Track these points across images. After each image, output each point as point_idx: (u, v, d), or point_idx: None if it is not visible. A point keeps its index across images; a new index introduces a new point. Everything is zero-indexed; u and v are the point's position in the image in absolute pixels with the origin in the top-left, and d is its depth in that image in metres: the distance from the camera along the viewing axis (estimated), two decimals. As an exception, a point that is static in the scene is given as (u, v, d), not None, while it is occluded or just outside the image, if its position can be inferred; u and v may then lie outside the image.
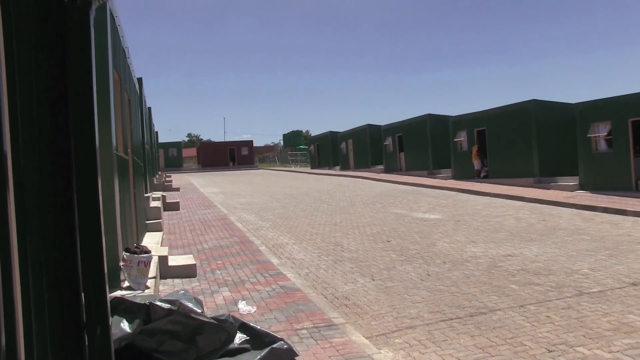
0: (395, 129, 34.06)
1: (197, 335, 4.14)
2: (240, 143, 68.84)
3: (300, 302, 6.63)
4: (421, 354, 5.17)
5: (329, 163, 47.31)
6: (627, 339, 5.40)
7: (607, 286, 7.40)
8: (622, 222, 12.98)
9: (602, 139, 18.36)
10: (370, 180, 30.21)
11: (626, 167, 17.45)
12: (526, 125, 22.12)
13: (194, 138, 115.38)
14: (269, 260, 9.41)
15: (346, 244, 11.21)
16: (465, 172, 25.92)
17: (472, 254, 9.78)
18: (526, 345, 5.28)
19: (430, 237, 11.62)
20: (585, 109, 19.02)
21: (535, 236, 11.43)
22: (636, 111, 17.06)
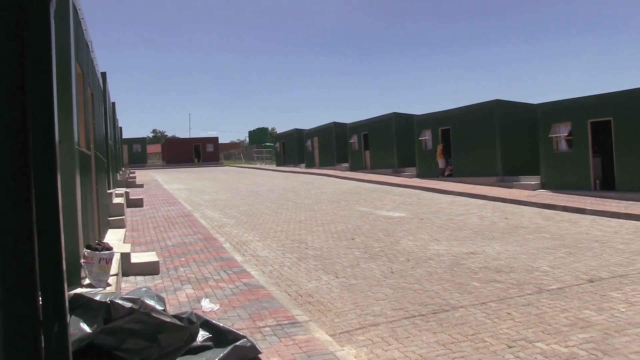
0: (360, 127, 34.19)
1: (159, 334, 4.09)
2: (205, 139, 68.19)
3: (264, 300, 6.61)
4: (384, 350, 5.21)
5: (295, 160, 47.25)
6: (582, 333, 5.54)
7: (566, 283, 7.57)
8: (581, 221, 13.29)
9: (562, 139, 18.75)
10: (335, 178, 30.28)
11: (585, 167, 17.86)
12: (490, 125, 22.45)
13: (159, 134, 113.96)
14: (232, 258, 9.36)
15: (310, 242, 11.22)
16: (429, 170, 26.18)
17: (436, 252, 9.89)
18: (487, 342, 5.36)
19: (394, 235, 11.71)
20: (547, 110, 19.40)
21: (498, 234, 11.62)
22: (595, 112, 17.48)
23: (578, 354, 5.00)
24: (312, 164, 42.25)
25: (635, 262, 8.77)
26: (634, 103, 16.28)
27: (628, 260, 8.91)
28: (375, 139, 32.24)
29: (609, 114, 16.96)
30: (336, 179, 30.07)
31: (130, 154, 60.36)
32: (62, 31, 5.46)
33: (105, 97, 15.42)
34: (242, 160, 72.25)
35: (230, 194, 23.09)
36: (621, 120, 16.58)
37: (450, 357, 5.00)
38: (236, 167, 55.87)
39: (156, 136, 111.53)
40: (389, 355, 5.08)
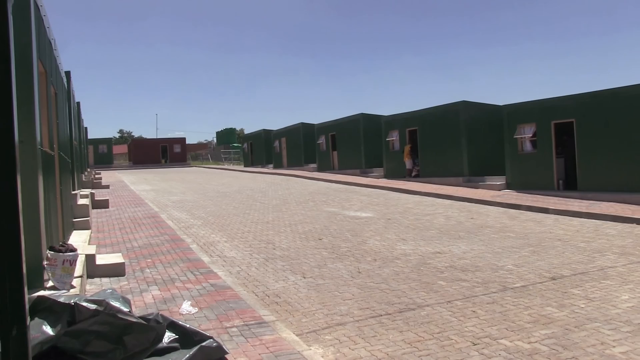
0: (328, 127, 34.26)
1: (124, 335, 4.06)
2: (172, 140, 67.57)
3: (231, 300, 6.58)
4: (351, 349, 5.24)
5: (263, 161, 47.14)
6: (544, 329, 5.68)
7: (529, 281, 7.72)
8: (545, 220, 13.55)
9: (527, 140, 19.06)
10: (303, 179, 30.29)
11: (549, 168, 18.21)
12: (456, 126, 22.71)
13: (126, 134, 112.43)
14: (199, 259, 9.30)
15: (278, 242, 11.22)
16: (397, 171, 26.37)
17: (402, 252, 9.98)
18: (452, 340, 5.44)
19: (362, 235, 11.77)
20: (512, 111, 19.71)
21: (464, 234, 11.78)
22: (558, 114, 17.83)
23: (540, 350, 5.11)
24: (280, 164, 42.20)
25: (595, 260, 8.99)
26: (595, 105, 16.67)
27: (588, 258, 9.13)
28: (343, 140, 32.34)
29: (572, 116, 17.33)
30: (304, 179, 30.08)
31: (96, 154, 59.48)
32: (23, 28, 5.35)
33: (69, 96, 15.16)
34: (209, 161, 71.75)
35: (198, 194, 22.92)
36: (583, 121, 16.95)
37: (417, 356, 5.05)
38: (204, 167, 55.47)
39: (123, 137, 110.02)
40: (356, 354, 5.11)
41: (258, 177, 34.83)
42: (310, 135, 37.19)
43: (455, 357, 5.00)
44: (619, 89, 16.26)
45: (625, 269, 8.37)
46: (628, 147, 15.76)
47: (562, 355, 4.97)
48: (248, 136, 55.56)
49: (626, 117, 15.79)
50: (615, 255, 9.37)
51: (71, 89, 16.21)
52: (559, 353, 5.02)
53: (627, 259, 9.02)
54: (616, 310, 6.29)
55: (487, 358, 4.96)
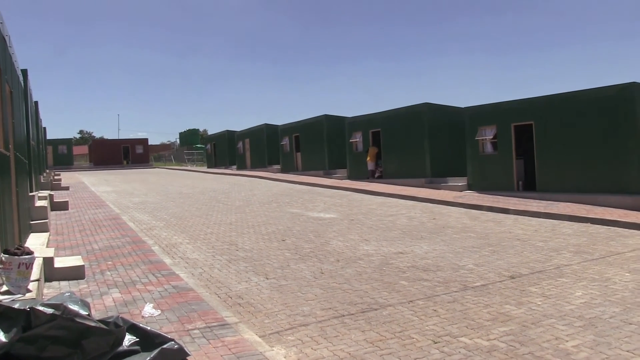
0: (292, 128, 34.24)
1: (83, 339, 3.99)
2: (134, 141, 66.57)
3: (193, 302, 6.54)
4: (313, 350, 5.26)
5: (226, 162, 46.84)
6: (503, 327, 5.80)
7: (489, 280, 7.87)
8: (505, 220, 13.81)
9: (488, 142, 19.35)
10: (266, 180, 30.23)
11: (509, 169, 18.53)
12: (419, 128, 22.93)
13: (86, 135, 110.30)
14: (161, 260, 9.20)
15: (241, 243, 11.18)
16: (360, 172, 26.50)
17: (365, 252, 10.05)
18: (414, 338, 5.51)
19: (325, 236, 11.82)
20: (474, 114, 19.99)
21: (426, 234, 11.92)
22: (518, 116, 18.17)
23: (498, 346, 5.22)
24: (243, 165, 42.00)
25: (552, 259, 9.22)
26: (552, 108, 17.05)
27: (546, 257, 9.35)
28: (306, 141, 32.36)
29: (531, 118, 17.68)
30: (267, 180, 30.02)
31: (55, 155, 58.22)
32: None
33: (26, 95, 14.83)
34: (172, 162, 70.97)
35: (160, 196, 22.66)
36: (541, 124, 17.33)
37: (378, 355, 5.10)
38: (166, 169, 54.87)
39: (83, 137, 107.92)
40: (318, 354, 5.14)
41: (221, 178, 34.61)
42: (274, 136, 37.11)
43: (416, 355, 5.07)
44: (573, 92, 16.69)
45: (579, 266, 8.61)
46: (582, 149, 16.17)
47: (519, 351, 5.09)
48: (211, 137, 55.15)
49: (580, 119, 16.21)
50: (571, 253, 9.62)
51: (28, 87, 15.86)
52: (516, 349, 5.14)
53: (582, 257, 9.28)
54: (570, 307, 6.48)
55: (448, 356, 5.04)
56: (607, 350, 5.11)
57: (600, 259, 9.19)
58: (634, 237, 11.24)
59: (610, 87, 15.64)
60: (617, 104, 15.36)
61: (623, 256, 9.37)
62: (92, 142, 75.70)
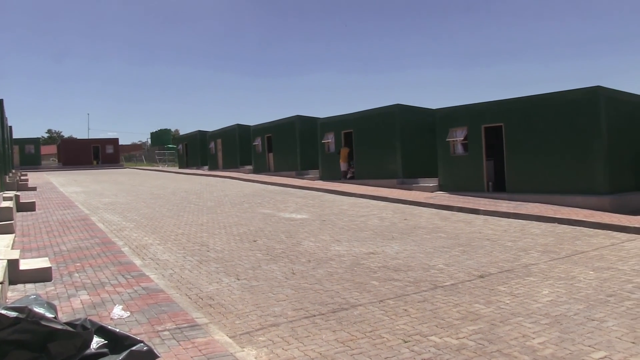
0: (264, 129, 34.15)
1: (48, 343, 3.93)
2: (105, 140, 65.61)
3: (163, 303, 6.49)
4: (284, 350, 5.27)
5: (198, 163, 46.51)
6: (472, 325, 5.89)
7: (459, 279, 7.97)
8: (475, 221, 13.98)
9: (459, 143, 19.52)
10: (238, 181, 30.10)
11: (479, 170, 18.74)
12: (391, 129, 23.05)
13: (55, 134, 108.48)
14: (131, 262, 9.11)
15: (212, 244, 11.13)
16: (332, 173, 26.54)
17: (337, 253, 10.09)
18: (384, 338, 5.55)
19: (296, 237, 11.83)
20: (445, 115, 20.17)
21: (397, 234, 12.01)
22: (488, 118, 18.40)
23: (467, 345, 5.30)
24: (215, 166, 41.76)
25: (520, 258, 9.37)
26: (521, 110, 17.31)
27: (514, 257, 9.50)
28: (279, 142, 32.31)
29: (501, 120, 17.91)
30: (239, 181, 29.90)
31: (22, 155, 57.11)
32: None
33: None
34: (143, 162, 70.23)
35: (131, 196, 22.40)
36: (511, 126, 17.57)
37: (349, 354, 5.13)
38: (137, 169, 54.25)
39: (52, 137, 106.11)
40: (289, 355, 5.15)
41: (193, 178, 34.36)
42: (246, 137, 36.98)
43: (387, 354, 5.11)
44: (542, 95, 16.97)
45: (546, 265, 8.77)
46: (550, 151, 16.46)
47: (488, 349, 5.17)
48: (183, 137, 54.68)
49: (548, 122, 16.50)
50: (539, 253, 9.80)
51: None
52: (484, 347, 5.22)
53: (549, 257, 9.45)
54: (537, 305, 6.61)
55: (418, 354, 5.09)
56: (570, 346, 5.24)
57: (566, 258, 9.37)
58: (598, 236, 11.50)
59: (576, 90, 15.95)
60: (583, 107, 15.67)
61: (587, 255, 9.58)
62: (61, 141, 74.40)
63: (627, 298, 6.89)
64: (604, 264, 8.88)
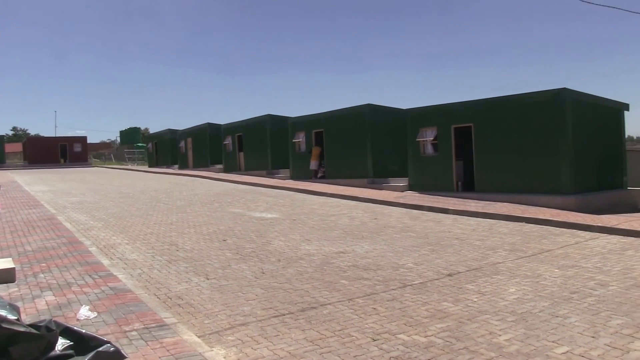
0: (235, 128, 33.98)
1: (10, 345, 3.86)
2: (72, 139, 64.52)
3: (131, 304, 6.42)
4: (253, 349, 5.26)
5: (168, 161, 46.06)
6: (440, 323, 5.96)
7: (428, 278, 8.04)
8: (444, 220, 14.12)
9: (429, 143, 19.70)
10: (209, 180, 29.90)
11: (449, 170, 18.93)
12: (361, 128, 23.15)
13: (20, 132, 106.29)
14: (99, 262, 8.98)
15: (181, 244, 11.04)
16: (303, 172, 26.55)
17: (307, 252, 10.10)
18: (353, 336, 5.58)
19: (267, 236, 11.80)
20: (415, 115, 20.32)
21: (367, 234, 12.06)
22: (458, 118, 18.59)
23: (435, 342, 5.36)
24: (185, 165, 41.42)
25: (488, 257, 9.50)
26: (490, 111, 17.55)
27: (482, 255, 9.63)
28: (249, 141, 32.19)
29: (470, 120, 18.13)
30: (210, 180, 29.70)
31: (-15, 153, 55.91)
32: None
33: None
34: (112, 161, 69.33)
35: (99, 195, 22.08)
36: (480, 126, 17.80)
37: (318, 353, 5.14)
38: (106, 168, 53.52)
39: (17, 134, 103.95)
40: (258, 354, 5.14)
41: (163, 177, 34.03)
42: (217, 136, 36.74)
43: (356, 353, 5.14)
44: (510, 96, 17.25)
45: (513, 264, 8.91)
46: (518, 151, 16.73)
47: (455, 346, 5.23)
48: (153, 136, 54.10)
49: (516, 123, 16.76)
50: (506, 251, 9.95)
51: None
52: (452, 345, 5.29)
53: (516, 255, 9.61)
54: (504, 302, 6.71)
55: (386, 352, 5.13)
56: (535, 342, 5.34)
57: (532, 256, 9.53)
58: (564, 235, 11.72)
59: (543, 92, 16.23)
60: (550, 109, 15.96)
61: (553, 253, 9.76)
62: (27, 139, 72.90)
63: (589, 295, 7.05)
64: (569, 262, 9.06)
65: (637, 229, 11.62)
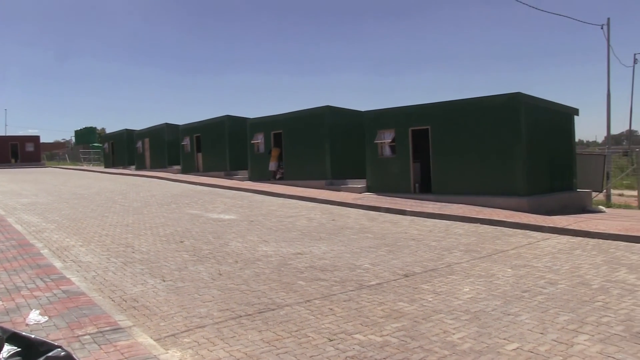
0: (193, 129, 33.64)
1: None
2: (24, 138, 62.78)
3: (84, 307, 6.30)
4: (209, 351, 5.23)
5: (125, 162, 45.29)
6: (395, 323, 6.04)
7: (384, 279, 8.13)
8: (401, 221, 14.27)
9: (387, 145, 19.84)
10: (166, 181, 29.52)
11: (406, 171, 19.13)
12: (320, 130, 23.19)
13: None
14: (51, 264, 8.77)
15: (138, 245, 10.88)
16: (262, 173, 26.46)
17: (264, 253, 10.08)
18: (310, 337, 5.61)
19: (224, 237, 11.73)
20: (373, 117, 20.46)
21: (325, 235, 12.11)
22: (416, 120, 18.81)
23: (390, 342, 5.42)
24: (142, 165, 40.80)
25: (444, 257, 9.65)
26: (447, 114, 17.82)
27: (438, 256, 9.78)
28: (208, 141, 31.91)
29: (427, 123, 18.36)
30: (167, 181, 29.34)
31: None
32: None
33: None
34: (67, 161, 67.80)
35: (52, 196, 21.56)
36: (437, 129, 18.05)
37: (275, 354, 5.15)
38: (60, 168, 52.27)
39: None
40: (215, 356, 5.12)
41: (119, 178, 33.43)
42: (175, 136, 36.32)
43: (312, 353, 5.16)
44: (467, 100, 17.54)
45: (468, 264, 9.08)
46: (474, 154, 17.04)
47: (410, 345, 5.31)
48: (109, 136, 53.09)
49: (472, 126, 17.08)
50: (461, 252, 10.13)
51: None
52: (407, 343, 5.36)
53: (471, 256, 9.79)
54: (458, 302, 6.84)
55: (342, 352, 5.17)
56: (487, 340, 5.47)
57: (487, 256, 9.73)
58: (517, 235, 12.00)
59: (499, 96, 16.57)
60: (505, 112, 16.31)
61: (506, 254, 9.98)
62: (-25, 139, 70.74)
63: (539, 293, 7.26)
64: (521, 261, 9.28)
65: (585, 229, 11.99)
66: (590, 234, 11.73)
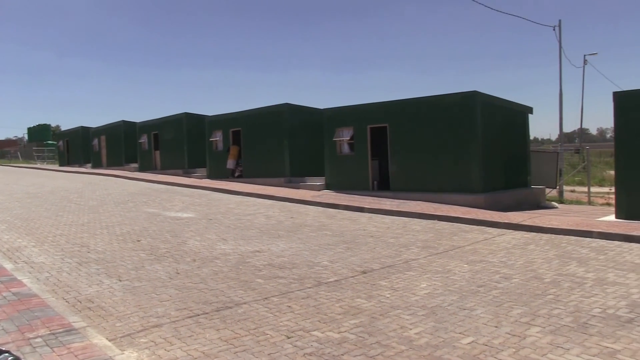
0: (150, 126, 33.17)
1: None
2: (-27, 136, 60.99)
3: (36, 309, 6.15)
4: (166, 351, 5.18)
5: (80, 160, 44.33)
6: (354, 319, 6.08)
7: (343, 275, 8.17)
8: (360, 218, 14.37)
9: (345, 143, 19.97)
10: (123, 179, 29.02)
11: (365, 169, 19.28)
12: (279, 128, 23.18)
13: None
14: (1, 266, 8.53)
15: (93, 245, 10.67)
16: (220, 171, 26.29)
17: (222, 251, 10.02)
18: (268, 334, 5.60)
19: (182, 236, 11.62)
20: (332, 115, 20.54)
21: (283, 232, 12.10)
22: (374, 118, 18.96)
23: (348, 338, 5.46)
24: (99, 164, 40.03)
25: (401, 254, 9.76)
26: (405, 112, 18.02)
27: (396, 252, 9.89)
28: (165, 139, 31.52)
29: (385, 121, 18.53)
30: (124, 179, 28.84)
31: None
32: None
33: None
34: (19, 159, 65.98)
35: (3, 196, 20.95)
36: (395, 126, 18.24)
37: (232, 352, 5.13)
38: (12, 166, 50.83)
39: None
40: (172, 355, 5.07)
41: (75, 177, 32.70)
42: (132, 134, 35.74)
43: (270, 350, 5.16)
44: (424, 98, 17.78)
45: (425, 260, 9.21)
46: (431, 151, 17.28)
47: (368, 341, 5.36)
48: (64, 133, 51.86)
49: (429, 124, 17.31)
50: (419, 248, 10.26)
51: None
52: (365, 340, 5.41)
53: (428, 252, 9.93)
54: (415, 297, 6.94)
55: (300, 349, 5.18)
56: (444, 334, 5.56)
57: (443, 252, 9.88)
58: (473, 231, 12.22)
59: (455, 94, 16.83)
60: (461, 110, 16.58)
61: (463, 249, 10.16)
62: None
63: (494, 287, 7.42)
64: (477, 257, 9.46)
65: (539, 224, 12.30)
66: (544, 230, 12.04)
